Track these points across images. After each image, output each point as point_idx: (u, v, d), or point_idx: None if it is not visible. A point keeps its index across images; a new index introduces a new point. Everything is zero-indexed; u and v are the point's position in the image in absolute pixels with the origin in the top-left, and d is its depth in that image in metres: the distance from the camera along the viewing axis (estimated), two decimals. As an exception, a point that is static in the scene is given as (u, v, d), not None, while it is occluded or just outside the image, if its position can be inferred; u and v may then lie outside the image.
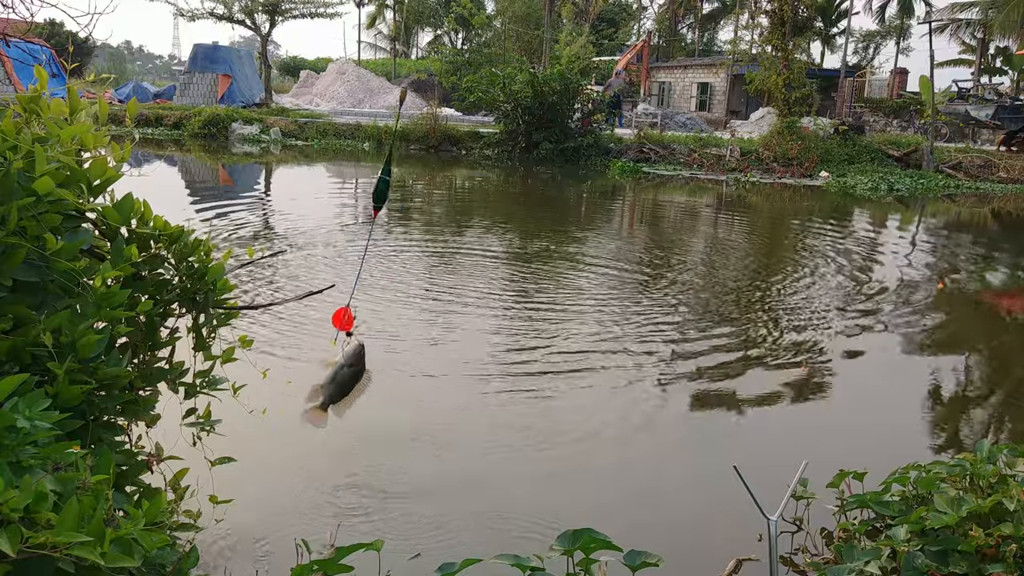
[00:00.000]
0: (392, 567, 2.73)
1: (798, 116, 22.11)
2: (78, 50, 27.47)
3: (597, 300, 6.93)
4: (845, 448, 4.13)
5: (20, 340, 1.71)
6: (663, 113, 28.46)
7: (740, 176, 19.03)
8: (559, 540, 2.35)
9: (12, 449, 1.42)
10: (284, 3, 27.89)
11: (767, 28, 22.88)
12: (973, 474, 2.77)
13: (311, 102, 32.03)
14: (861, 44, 43.71)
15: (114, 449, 1.95)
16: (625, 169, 19.21)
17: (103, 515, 1.39)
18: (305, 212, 11.31)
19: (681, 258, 9.34)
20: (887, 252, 10.40)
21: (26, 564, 1.33)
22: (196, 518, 2.23)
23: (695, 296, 7.28)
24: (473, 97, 22.61)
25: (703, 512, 3.45)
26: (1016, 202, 17.10)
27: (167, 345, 2.18)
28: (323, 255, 8.28)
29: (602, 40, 42.04)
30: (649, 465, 3.90)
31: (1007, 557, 2.31)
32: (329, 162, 19.36)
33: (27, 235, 1.74)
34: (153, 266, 2.08)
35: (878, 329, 6.40)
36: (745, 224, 12.94)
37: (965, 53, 35.61)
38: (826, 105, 29.48)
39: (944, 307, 7.47)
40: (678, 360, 5.36)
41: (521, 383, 4.79)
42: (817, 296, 7.38)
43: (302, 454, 3.78)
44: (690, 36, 47.68)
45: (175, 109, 25.33)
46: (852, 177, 18.66)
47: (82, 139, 1.95)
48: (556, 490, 3.54)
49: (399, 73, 38.62)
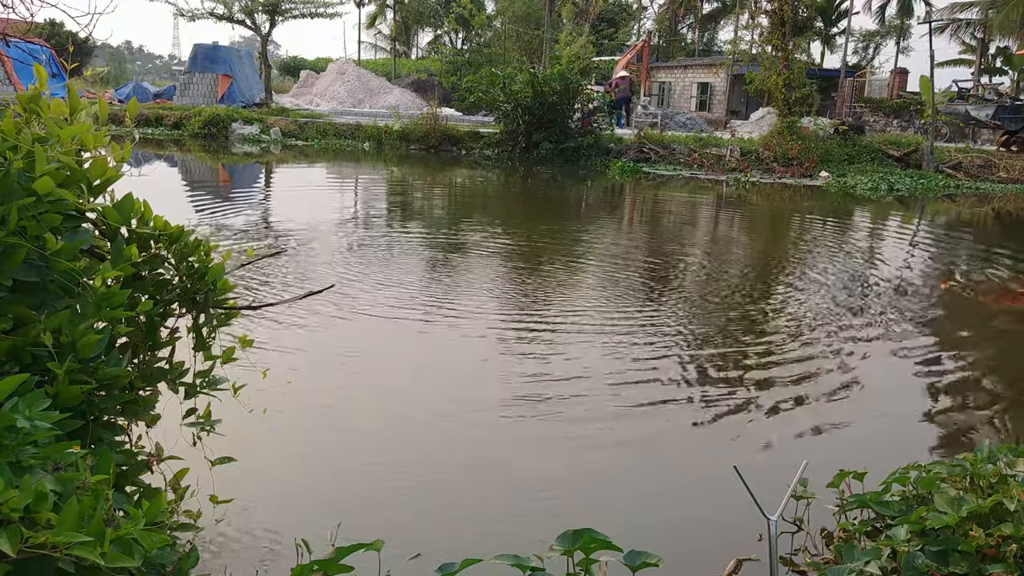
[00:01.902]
0: (392, 567, 2.72)
1: (798, 116, 22.10)
2: (78, 50, 27.47)
3: (597, 299, 6.94)
4: (845, 448, 4.13)
5: (20, 340, 1.71)
6: (663, 113, 28.45)
7: (740, 176, 19.02)
8: (559, 540, 2.34)
9: (12, 449, 1.42)
10: (284, 3, 27.88)
11: (767, 28, 22.87)
12: (973, 474, 2.76)
13: (311, 102, 32.02)
14: (861, 44, 43.73)
15: (114, 449, 1.95)
16: (625, 169, 19.20)
17: (103, 515, 1.40)
18: (305, 212, 11.31)
19: (681, 258, 9.33)
20: (888, 252, 10.40)
21: (26, 564, 1.33)
22: (196, 518, 2.23)
23: (695, 296, 7.28)
24: (473, 97, 22.60)
25: (703, 512, 3.44)
26: (1016, 202, 17.10)
27: (167, 345, 2.18)
28: (323, 255, 8.28)
29: (602, 40, 42.04)
30: (649, 465, 3.90)
31: (1007, 557, 2.31)
32: (329, 162, 19.36)
33: (27, 235, 1.74)
34: (153, 266, 2.08)
35: (879, 328, 6.40)
36: (745, 224, 12.94)
37: (965, 53, 35.63)
38: (826, 105, 29.48)
39: (946, 307, 7.47)
40: (678, 360, 5.36)
41: (520, 381, 4.80)
42: (817, 296, 7.38)
43: (302, 454, 3.78)
44: (690, 36, 47.69)
45: (175, 109, 25.32)
46: (852, 177, 18.66)
47: (82, 139, 1.95)
48: (556, 490, 3.54)
49: (399, 73, 38.61)
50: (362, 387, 4.80)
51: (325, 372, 4.93)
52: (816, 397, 4.82)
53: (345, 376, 4.92)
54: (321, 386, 4.68)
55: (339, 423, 4.22)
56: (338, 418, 4.28)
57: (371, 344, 5.56)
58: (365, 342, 5.59)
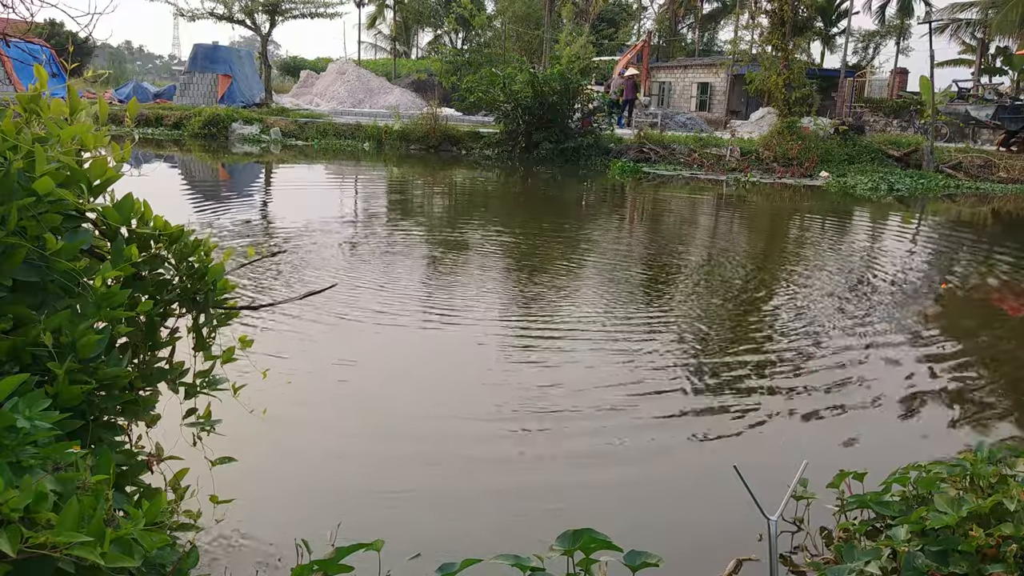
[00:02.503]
0: (392, 567, 2.72)
1: (798, 116, 22.09)
2: (78, 50, 27.48)
3: (597, 300, 6.94)
4: (845, 448, 4.13)
5: (20, 340, 1.71)
6: (663, 113, 28.44)
7: (740, 176, 19.02)
8: (559, 540, 2.34)
9: (12, 449, 1.42)
10: (284, 3, 27.88)
11: (767, 28, 22.86)
12: (973, 474, 2.77)
13: (311, 102, 32.01)
14: (861, 44, 43.73)
15: (114, 449, 1.95)
16: (625, 169, 19.20)
17: (103, 515, 1.40)
18: (305, 212, 11.31)
19: (681, 258, 9.33)
20: (889, 252, 10.40)
21: (26, 564, 1.33)
22: (196, 518, 2.23)
23: (694, 296, 7.28)
24: (473, 97, 22.60)
25: (703, 512, 3.44)
26: (1016, 202, 17.10)
27: (167, 345, 2.18)
28: (323, 255, 8.28)
29: (602, 40, 42.02)
30: (649, 465, 3.90)
31: (1007, 557, 2.31)
32: (329, 162, 19.36)
33: (27, 235, 1.74)
34: (153, 266, 2.08)
35: (879, 328, 6.39)
36: (745, 225, 12.94)
37: (965, 53, 35.64)
38: (826, 105, 29.47)
39: (947, 307, 7.47)
40: (678, 359, 5.36)
41: (520, 381, 4.80)
42: (818, 296, 7.38)
43: (302, 453, 3.78)
44: (690, 36, 47.70)
45: (175, 109, 25.31)
46: (852, 177, 18.66)
47: (82, 139, 1.95)
48: (556, 490, 3.54)
49: (399, 73, 38.61)
50: (363, 387, 4.80)
51: (326, 372, 4.93)
52: (816, 397, 4.82)
53: (346, 376, 4.92)
54: (322, 386, 4.68)
55: (339, 423, 4.22)
56: (338, 418, 4.28)
57: (371, 344, 5.56)
58: (365, 343, 5.59)
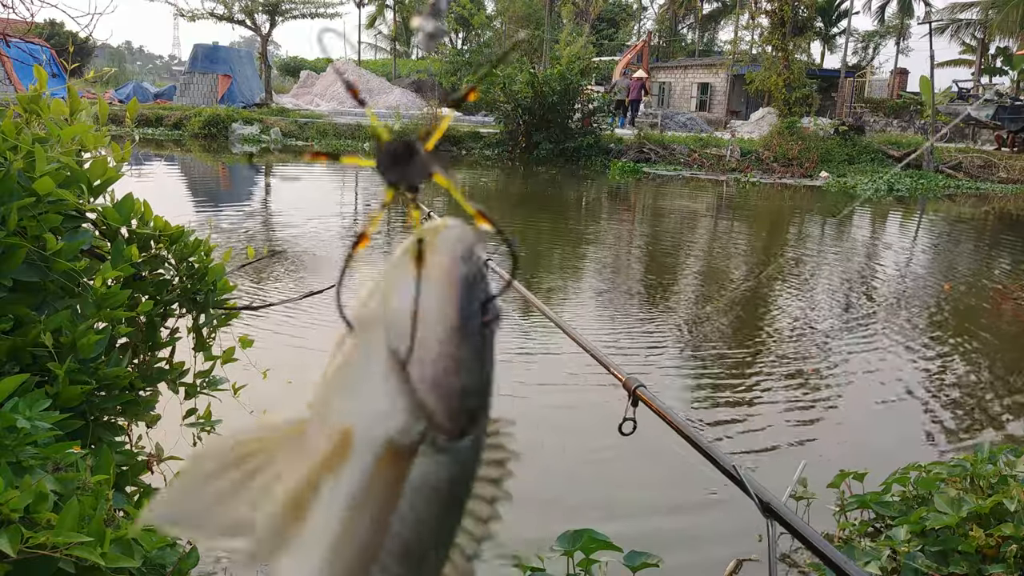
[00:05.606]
0: (392, 567, 2.72)
1: (798, 116, 22.10)
2: (78, 50, 27.42)
3: (596, 300, 6.94)
4: (845, 448, 4.13)
5: (20, 340, 1.71)
6: (663, 113, 28.44)
7: (740, 176, 19.02)
8: (559, 540, 2.34)
9: (12, 449, 1.42)
10: (284, 3, 27.88)
11: (767, 28, 22.87)
12: (973, 474, 2.77)
13: (311, 102, 32.00)
14: (861, 44, 43.76)
15: (114, 449, 1.94)
16: (625, 169, 19.20)
17: (103, 515, 1.39)
18: (305, 212, 11.31)
19: (680, 258, 9.33)
20: (890, 252, 10.40)
21: (26, 564, 1.33)
22: (196, 518, 2.22)
23: (694, 296, 7.28)
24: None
25: (703, 512, 3.44)
26: (1016, 202, 17.10)
27: (167, 345, 2.18)
28: (323, 255, 8.28)
29: (602, 40, 42.02)
30: (649, 465, 3.90)
31: (1007, 557, 2.31)
32: (329, 162, 19.34)
33: (27, 235, 1.74)
34: (153, 266, 2.08)
35: (879, 329, 6.40)
36: (746, 224, 12.94)
37: (965, 53, 35.65)
38: (826, 105, 29.46)
39: (948, 307, 7.47)
40: (678, 359, 5.36)
41: (519, 380, 4.79)
42: (818, 296, 7.38)
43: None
44: (690, 36, 47.70)
45: (175, 109, 25.31)
46: (852, 177, 18.67)
47: (82, 139, 1.95)
48: (556, 490, 3.54)
49: (399, 73, 38.62)
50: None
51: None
52: (816, 397, 4.83)
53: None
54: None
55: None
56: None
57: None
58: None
